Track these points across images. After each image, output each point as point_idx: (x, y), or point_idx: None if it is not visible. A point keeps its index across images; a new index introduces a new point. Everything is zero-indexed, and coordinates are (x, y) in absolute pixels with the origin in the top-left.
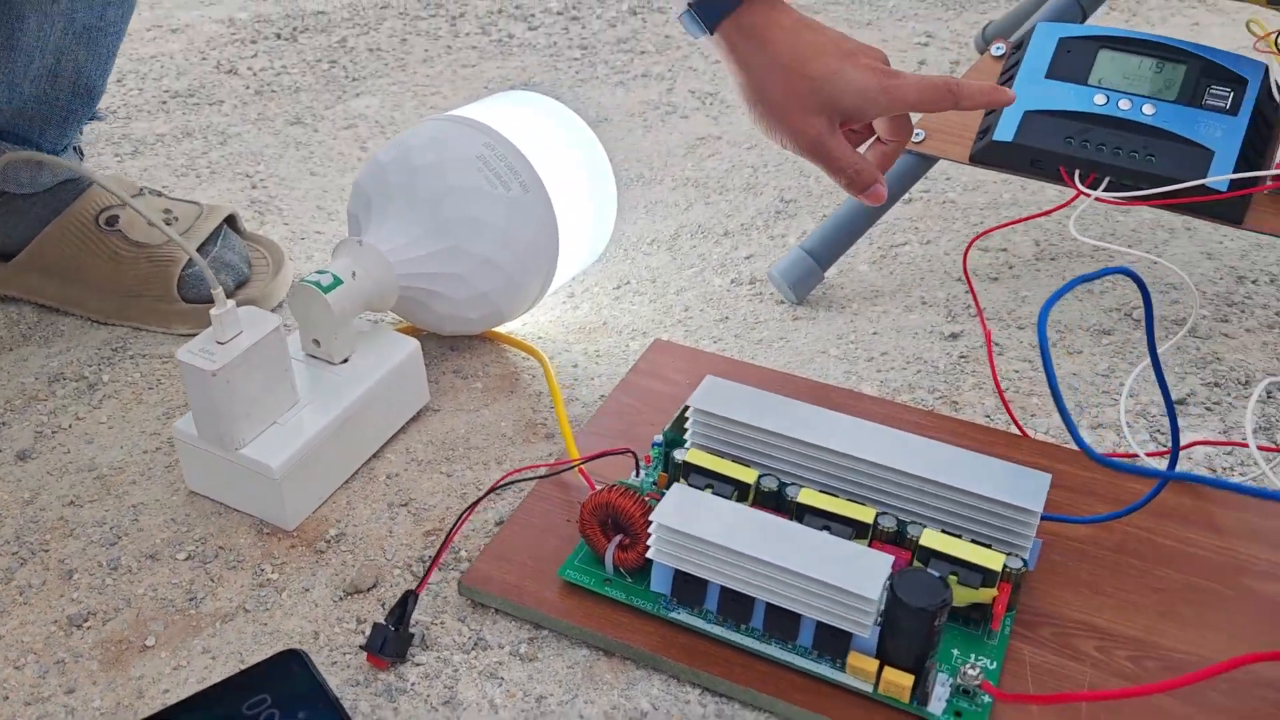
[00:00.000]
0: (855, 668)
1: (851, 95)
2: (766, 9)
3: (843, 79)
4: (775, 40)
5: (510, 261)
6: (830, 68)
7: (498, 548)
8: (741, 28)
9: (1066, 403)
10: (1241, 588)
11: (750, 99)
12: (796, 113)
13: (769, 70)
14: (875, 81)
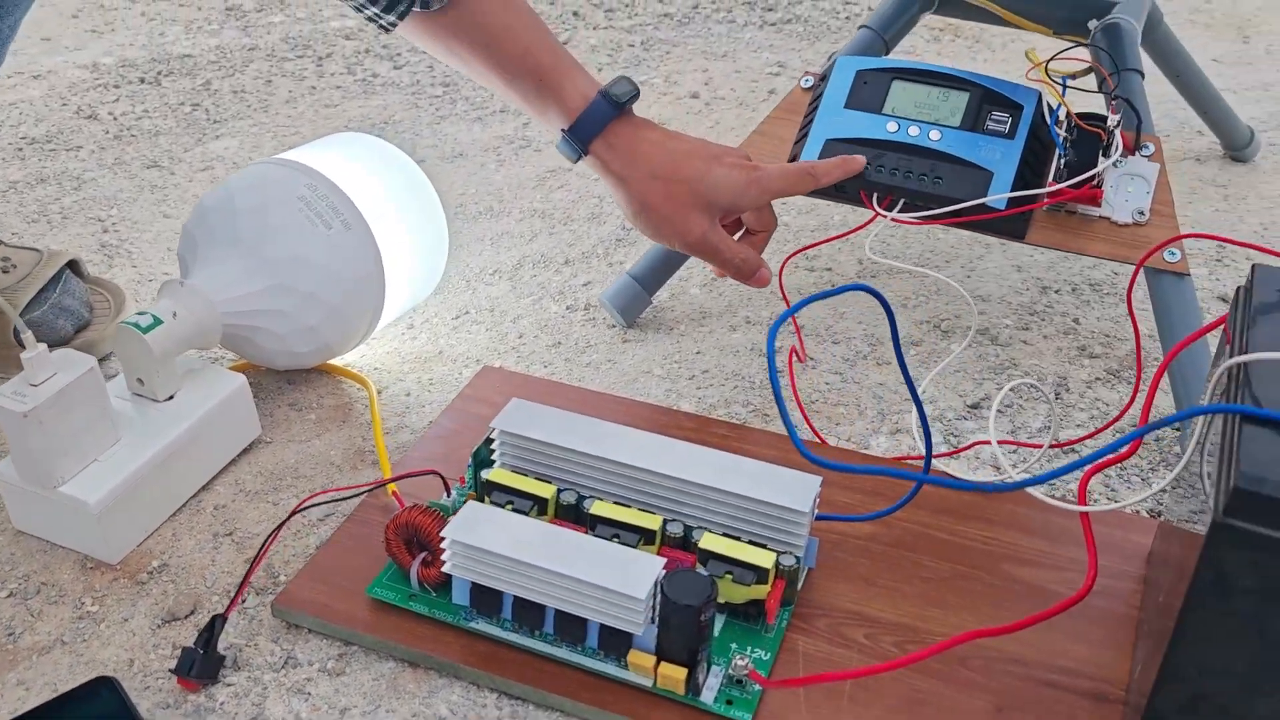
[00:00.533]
0: (635, 664)
1: (725, 191)
2: (631, 127)
3: (714, 177)
4: (645, 153)
5: (335, 296)
6: (700, 169)
7: (312, 570)
8: (611, 146)
9: (870, 411)
10: (1002, 573)
11: (633, 209)
12: (679, 214)
13: (645, 180)
14: (743, 176)
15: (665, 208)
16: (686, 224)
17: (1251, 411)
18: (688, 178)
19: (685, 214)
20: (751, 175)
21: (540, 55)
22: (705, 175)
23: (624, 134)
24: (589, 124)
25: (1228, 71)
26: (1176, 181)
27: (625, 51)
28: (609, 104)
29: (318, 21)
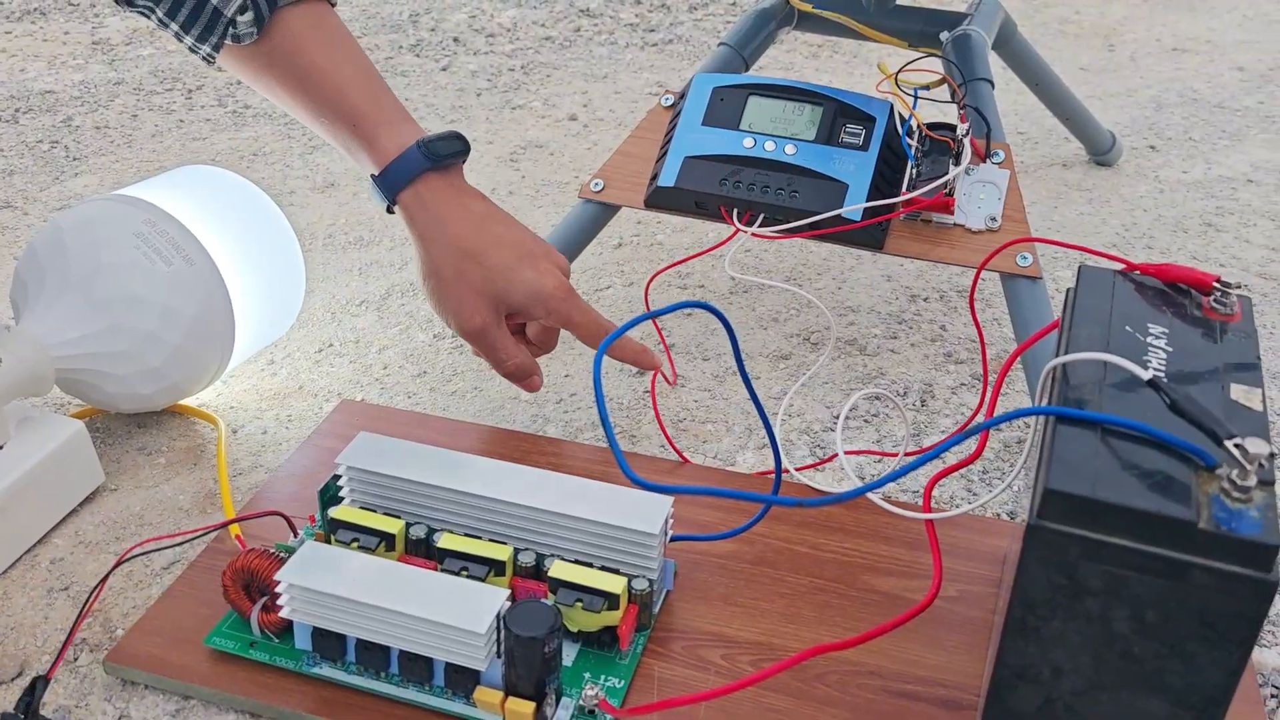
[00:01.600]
0: (482, 701)
1: (522, 293)
2: (452, 190)
3: (518, 276)
4: (455, 221)
5: (178, 335)
6: (506, 262)
7: (147, 622)
8: (421, 200)
9: (738, 427)
10: (862, 584)
11: (423, 273)
12: (468, 297)
13: (445, 250)
14: (548, 289)
15: (454, 285)
16: (469, 310)
17: (1059, 412)
18: (490, 265)
19: (471, 299)
20: (556, 295)
21: (356, 98)
22: (508, 271)
23: (440, 194)
24: (398, 173)
25: (1094, 79)
26: (1043, 187)
27: (505, 76)
28: (424, 156)
29: (188, 54)
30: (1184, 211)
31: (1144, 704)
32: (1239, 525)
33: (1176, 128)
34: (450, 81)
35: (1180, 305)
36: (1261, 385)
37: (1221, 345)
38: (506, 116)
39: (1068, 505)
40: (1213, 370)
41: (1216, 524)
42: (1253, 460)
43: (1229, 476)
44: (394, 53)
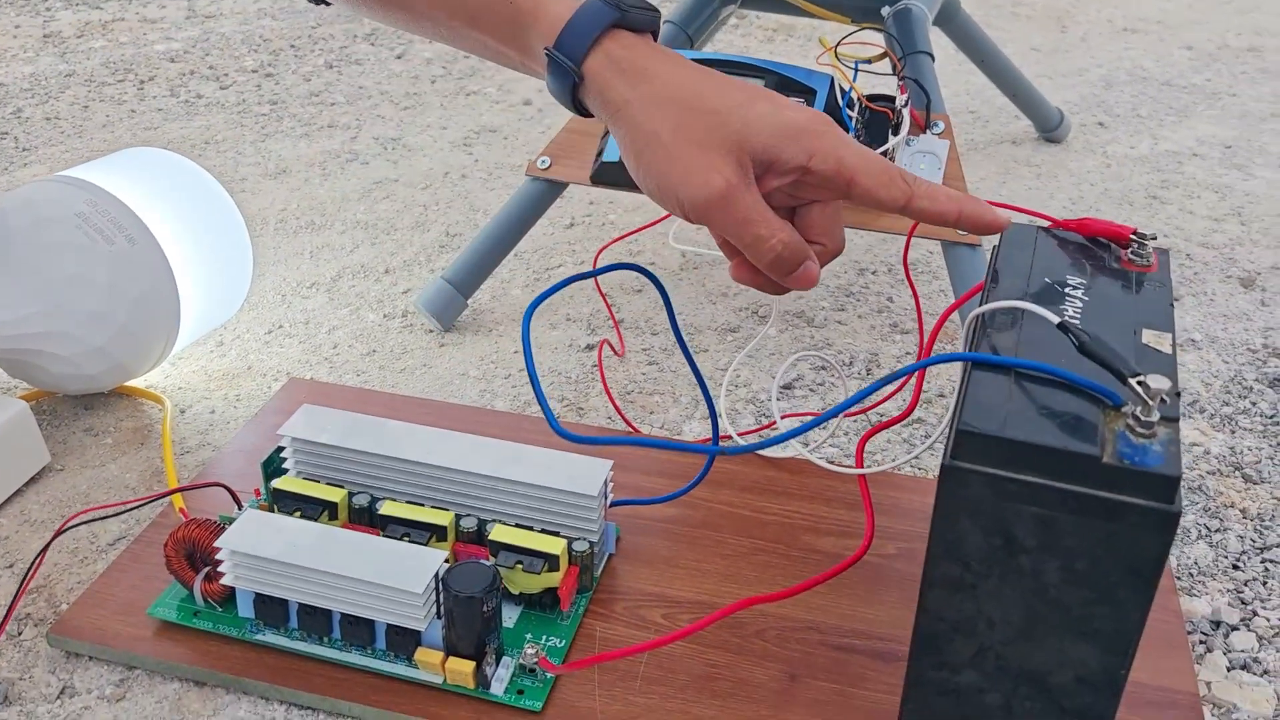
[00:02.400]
0: (423, 662)
1: (767, 130)
2: (645, 45)
3: (754, 110)
4: (662, 74)
5: (123, 315)
6: (737, 100)
7: (91, 595)
8: (614, 60)
9: (685, 398)
10: (803, 544)
11: (631, 149)
12: (696, 156)
13: (655, 107)
14: (804, 119)
15: (675, 146)
16: (702, 170)
17: (969, 358)
18: (715, 108)
19: (701, 156)
20: (814, 127)
21: None
22: (743, 107)
23: (638, 50)
24: (580, 31)
25: (1046, 59)
26: (992, 163)
27: (460, 63)
28: (609, 8)
29: (141, 45)
30: (1130, 185)
31: (1058, 637)
32: (1142, 459)
33: (1125, 105)
34: (405, 69)
35: (1099, 258)
36: (1171, 330)
37: (1136, 295)
38: (460, 102)
39: (979, 444)
40: (1126, 317)
41: (1120, 458)
42: (1154, 395)
43: (1134, 413)
44: (348, 41)
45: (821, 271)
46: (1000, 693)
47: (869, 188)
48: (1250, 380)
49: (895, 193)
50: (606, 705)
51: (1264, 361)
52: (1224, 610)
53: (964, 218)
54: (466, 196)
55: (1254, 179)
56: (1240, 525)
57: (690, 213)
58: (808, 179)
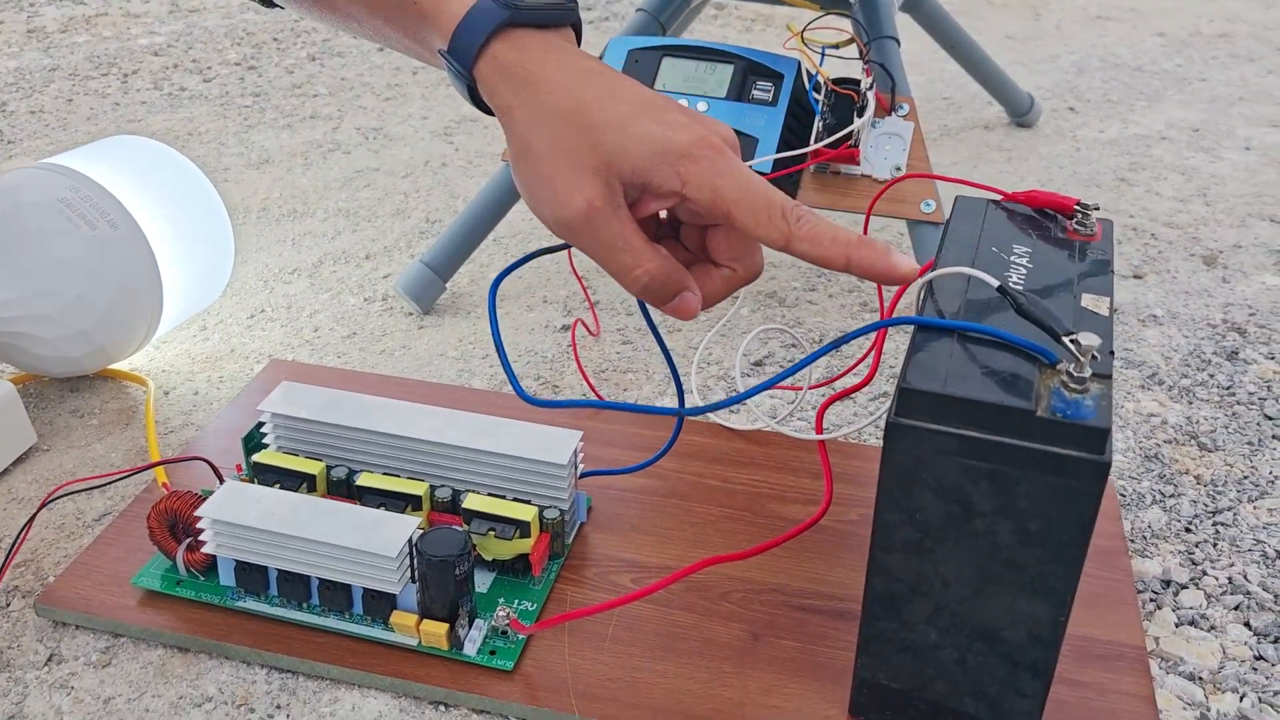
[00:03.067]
0: (398, 625)
1: (641, 152)
2: (542, 47)
3: (634, 129)
4: (550, 80)
5: (106, 298)
6: (619, 115)
7: (77, 567)
8: (501, 65)
9: (657, 375)
10: (769, 512)
11: (512, 157)
12: (563, 171)
13: (535, 116)
14: (683, 141)
15: (547, 159)
16: (567, 186)
17: (909, 321)
18: (592, 123)
19: (568, 172)
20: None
21: None
22: (621, 125)
23: (530, 53)
24: (470, 33)
25: (1020, 46)
26: (965, 147)
27: None
28: (499, 7)
29: (125, 39)
30: (1099, 168)
31: (1000, 587)
32: (1075, 413)
33: (1096, 90)
34: (386, 61)
35: (1045, 228)
36: (1110, 294)
37: (1079, 262)
38: (441, 93)
39: (921, 401)
40: (1067, 282)
41: (1054, 412)
42: (1086, 353)
43: (1068, 370)
44: (331, 34)
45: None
46: (935, 630)
47: (745, 224)
48: (1209, 354)
49: (773, 232)
50: (576, 664)
51: (1223, 336)
52: (1174, 570)
53: (853, 265)
54: (447, 184)
55: (1220, 161)
56: (1194, 491)
57: (555, 230)
58: (689, 205)
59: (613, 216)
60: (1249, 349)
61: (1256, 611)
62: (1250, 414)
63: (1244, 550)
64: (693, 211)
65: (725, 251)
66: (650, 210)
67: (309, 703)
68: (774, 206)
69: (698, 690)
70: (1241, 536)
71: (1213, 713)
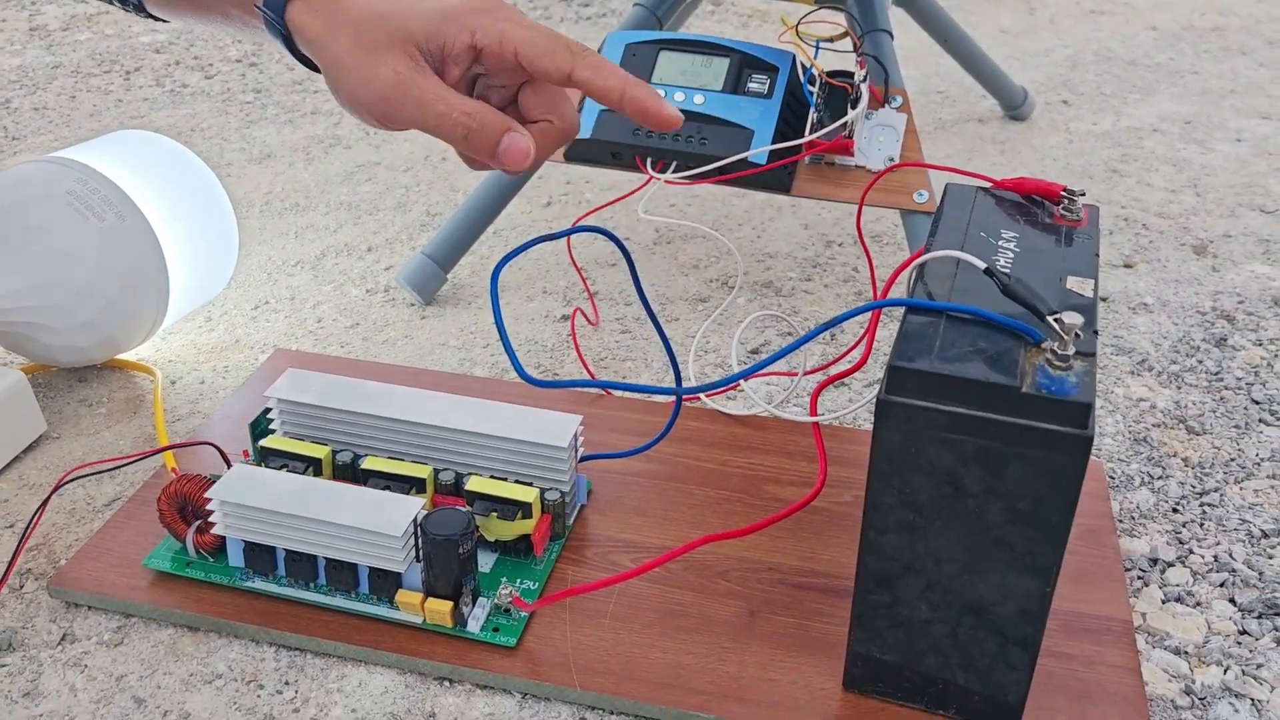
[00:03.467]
0: (404, 603)
1: (426, 19)
2: None
3: (418, 7)
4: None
5: (113, 288)
6: (405, 3)
7: (89, 549)
8: (308, 4)
9: (656, 363)
10: (766, 494)
11: (328, 80)
12: (367, 61)
13: (338, 30)
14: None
15: (352, 57)
16: (371, 67)
17: (895, 303)
18: (382, 13)
19: (374, 58)
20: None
21: None
22: (408, 8)
23: None
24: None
25: (1014, 40)
26: (959, 140)
27: None
28: None
29: (127, 37)
30: (1091, 160)
31: (985, 560)
32: (1058, 389)
33: (1090, 84)
34: None
35: (1033, 214)
36: (1094, 277)
37: (1065, 246)
38: None
39: (910, 379)
40: (1053, 265)
41: (1038, 388)
42: (1069, 331)
43: (1052, 348)
44: None
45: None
46: (926, 605)
47: (532, 57)
48: (1198, 340)
49: (560, 62)
50: (578, 641)
51: (1211, 323)
52: (1161, 549)
53: (627, 99)
54: (447, 178)
55: (1211, 152)
56: (1182, 473)
57: (376, 115)
58: (485, 61)
59: (419, 76)
60: (1237, 335)
61: (1241, 588)
62: (1237, 398)
63: (1230, 530)
64: (491, 68)
65: (536, 106)
66: (455, 75)
67: (317, 679)
68: (558, 41)
69: (696, 664)
70: (1228, 516)
71: (1197, 685)
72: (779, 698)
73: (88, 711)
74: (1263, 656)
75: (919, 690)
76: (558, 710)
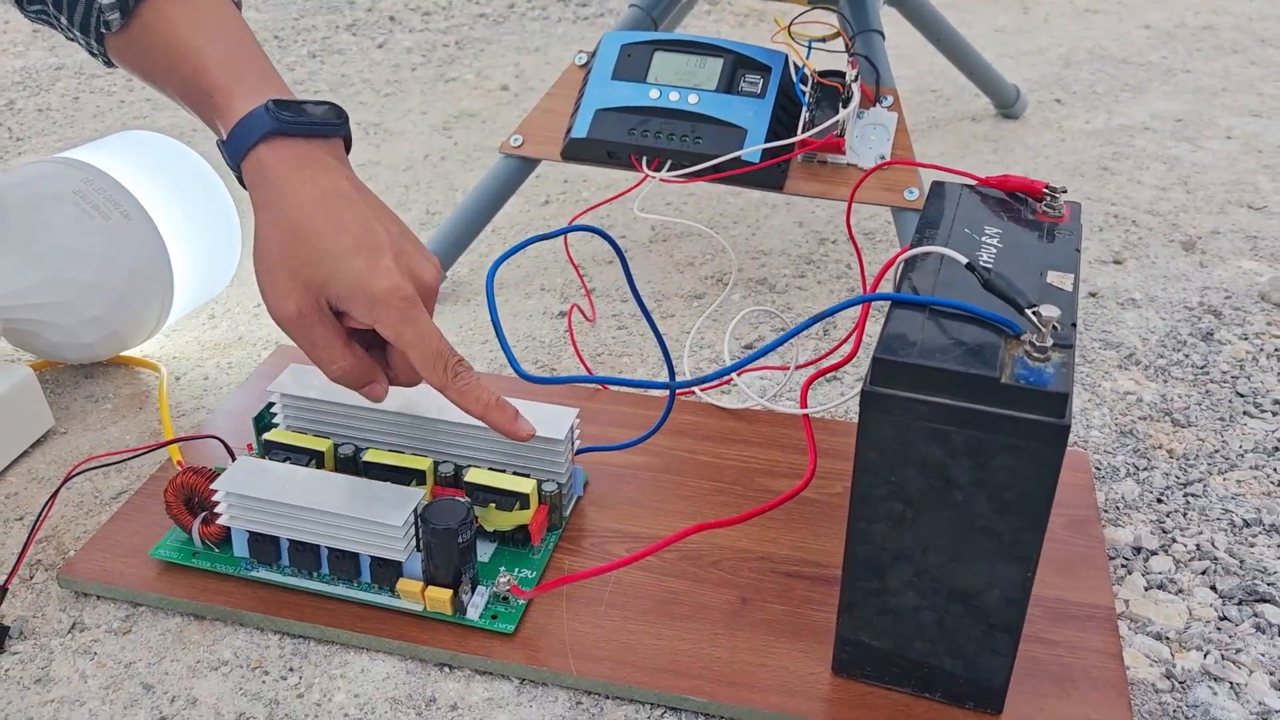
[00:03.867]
0: (405, 591)
1: (344, 285)
2: (299, 158)
3: (346, 264)
4: (295, 194)
5: (118, 285)
6: (340, 247)
7: (97, 541)
8: (262, 167)
9: (652, 359)
10: (759, 485)
11: (254, 248)
12: (284, 279)
13: (275, 225)
14: (382, 287)
15: (275, 266)
16: (283, 293)
17: (882, 298)
18: (316, 249)
19: (287, 282)
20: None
21: (217, 72)
22: (337, 257)
23: (287, 163)
24: (242, 135)
25: (1008, 39)
26: (953, 138)
27: (440, 51)
28: (271, 116)
29: None
30: (1083, 158)
31: (969, 547)
32: (1036, 379)
33: (1083, 82)
34: (385, 58)
35: (1016, 211)
36: (1075, 271)
37: (1046, 242)
38: (440, 89)
39: (894, 371)
40: (1034, 260)
41: (1017, 379)
42: (1046, 323)
43: (1031, 340)
44: (330, 32)
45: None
46: (914, 592)
47: (416, 363)
48: (1185, 335)
49: (435, 377)
50: (574, 628)
51: (1199, 318)
52: (1145, 538)
53: (488, 421)
54: (446, 177)
55: (1202, 150)
56: (1167, 464)
57: (271, 314)
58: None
59: (317, 324)
60: (1223, 330)
61: (1222, 576)
62: (1223, 391)
63: (1212, 519)
64: None
65: (394, 364)
66: (351, 323)
67: (320, 665)
68: (440, 359)
69: (689, 650)
70: (1210, 506)
71: (1178, 669)
72: (770, 682)
73: (98, 697)
74: (1241, 642)
75: (906, 674)
76: (555, 695)
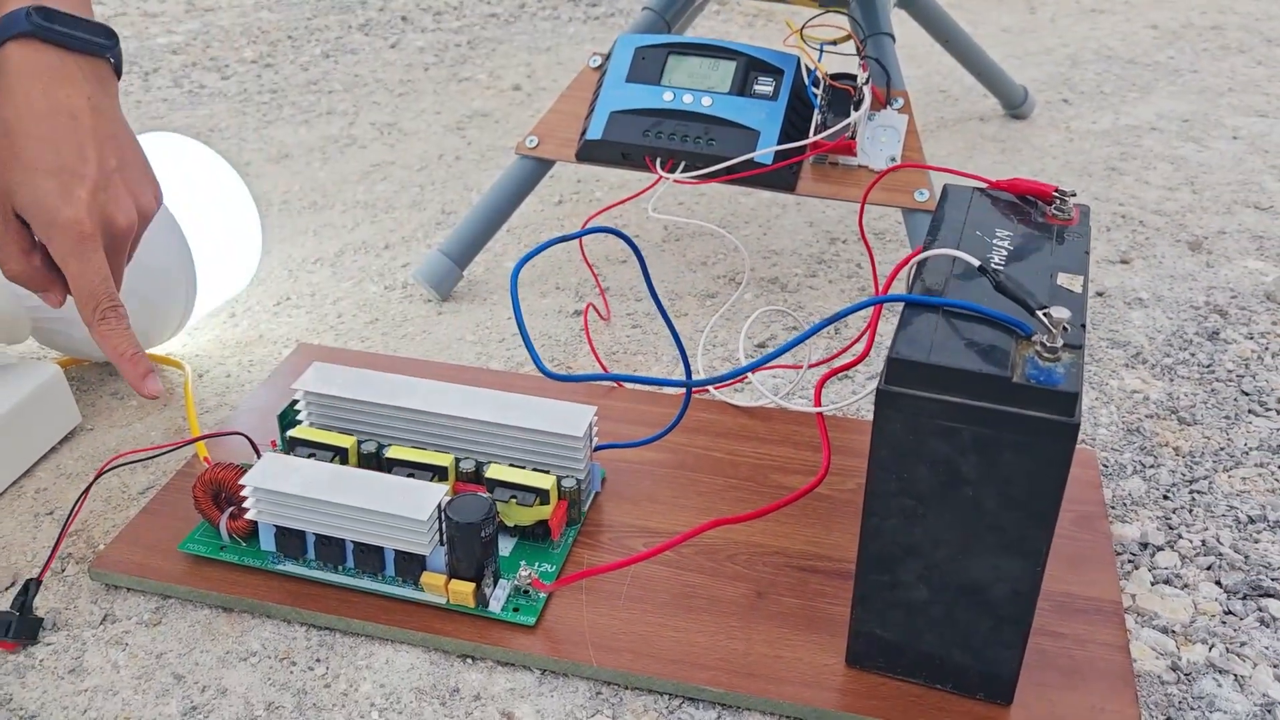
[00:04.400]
0: (428, 585)
1: (28, 200)
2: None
3: (38, 181)
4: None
5: (143, 285)
6: (41, 160)
7: (128, 535)
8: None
9: (666, 356)
10: (773, 482)
11: None
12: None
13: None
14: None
15: None
16: None
17: (892, 299)
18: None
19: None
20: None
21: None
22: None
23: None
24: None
25: (1015, 39)
26: (960, 139)
27: (452, 51)
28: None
29: (145, 39)
30: (1090, 158)
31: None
32: (1046, 379)
33: (1090, 82)
34: (398, 58)
35: (1027, 214)
36: (1084, 273)
37: (1056, 244)
38: (453, 89)
39: (908, 370)
40: (1044, 263)
41: (1028, 379)
42: (1057, 324)
43: (1041, 341)
44: (343, 32)
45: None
46: (926, 586)
47: (74, 297)
48: (1191, 334)
49: (84, 314)
50: (594, 620)
51: (1205, 317)
52: (1151, 534)
53: (120, 369)
54: (461, 177)
55: (1208, 150)
56: (1173, 461)
57: None
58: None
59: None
60: (1229, 329)
61: (1227, 571)
62: (1228, 390)
63: (1218, 515)
64: None
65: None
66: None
67: (346, 656)
68: (93, 298)
69: (706, 642)
70: (1216, 503)
71: (1183, 662)
72: (785, 673)
73: (130, 686)
74: (1246, 635)
75: (918, 666)
76: (575, 685)
